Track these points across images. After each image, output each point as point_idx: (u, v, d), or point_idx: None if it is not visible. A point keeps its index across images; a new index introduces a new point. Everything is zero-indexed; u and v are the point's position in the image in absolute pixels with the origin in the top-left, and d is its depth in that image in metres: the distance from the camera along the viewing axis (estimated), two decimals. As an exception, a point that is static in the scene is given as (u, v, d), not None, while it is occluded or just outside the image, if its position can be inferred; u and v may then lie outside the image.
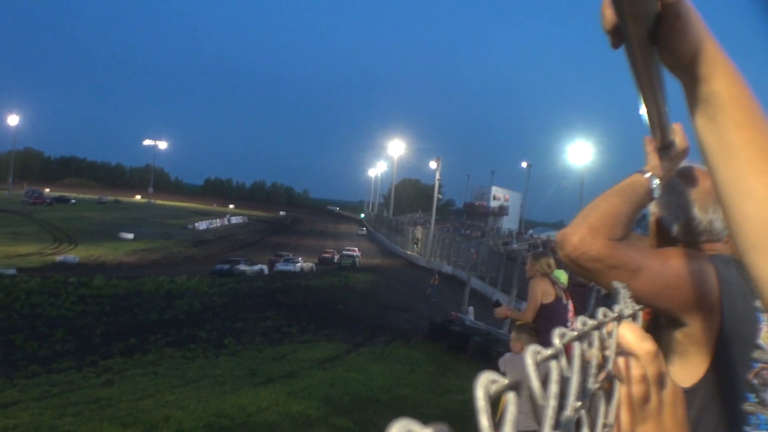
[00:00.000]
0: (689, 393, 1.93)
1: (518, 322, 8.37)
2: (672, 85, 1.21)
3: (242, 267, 50.26)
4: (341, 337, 27.33)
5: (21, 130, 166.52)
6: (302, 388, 15.37)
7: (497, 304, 9.84)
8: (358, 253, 73.54)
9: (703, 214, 2.16)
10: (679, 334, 1.99)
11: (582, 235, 1.89)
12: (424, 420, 0.47)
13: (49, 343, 22.63)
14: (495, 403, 0.50)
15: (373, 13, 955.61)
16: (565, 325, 5.71)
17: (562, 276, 8.99)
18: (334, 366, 19.83)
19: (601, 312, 0.83)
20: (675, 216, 2.21)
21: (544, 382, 0.60)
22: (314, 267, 59.41)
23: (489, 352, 19.82)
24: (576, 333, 0.70)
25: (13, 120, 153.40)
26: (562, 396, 0.64)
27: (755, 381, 1.92)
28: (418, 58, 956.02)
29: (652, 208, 2.28)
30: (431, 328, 26.45)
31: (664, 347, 2.03)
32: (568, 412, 0.65)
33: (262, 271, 52.48)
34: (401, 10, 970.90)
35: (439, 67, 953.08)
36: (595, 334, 0.78)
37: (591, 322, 0.77)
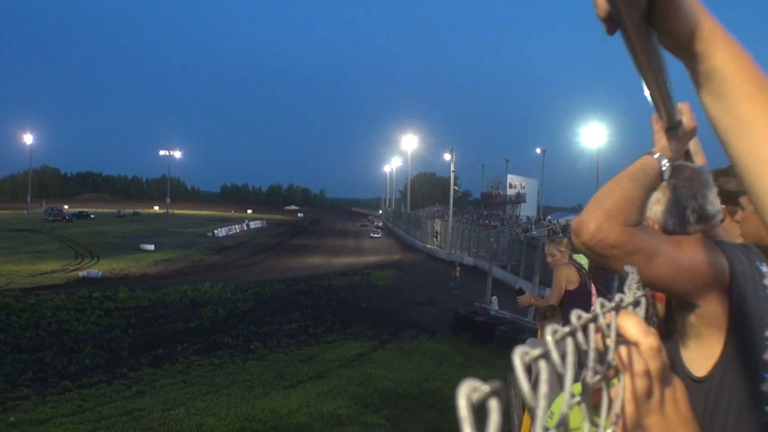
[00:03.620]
0: (707, 378, 1.94)
1: (541, 308, 8.36)
2: (676, 65, 1.21)
3: None
4: (367, 335, 27.31)
5: (37, 148, 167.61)
6: (332, 388, 15.37)
7: (520, 292, 9.79)
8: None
9: (693, 201, 2.17)
10: (692, 317, 1.98)
11: (599, 222, 1.86)
12: (454, 412, 0.47)
13: (78, 358, 22.65)
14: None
15: (380, 9, 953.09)
16: (588, 310, 5.76)
17: (584, 260, 8.97)
18: (362, 364, 19.81)
19: (598, 303, 0.84)
20: (669, 211, 2.21)
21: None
22: None
23: (515, 341, 19.75)
24: (567, 329, 0.70)
25: (28, 139, 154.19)
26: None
27: None
28: (426, 52, 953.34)
29: (653, 213, 2.25)
30: (456, 320, 26.40)
31: (678, 331, 2.04)
32: (563, 408, 0.66)
33: None
34: (406, 5, 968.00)
35: (448, 60, 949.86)
36: (592, 326, 0.78)
37: (585, 316, 0.77)
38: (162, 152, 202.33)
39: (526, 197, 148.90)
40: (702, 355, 1.97)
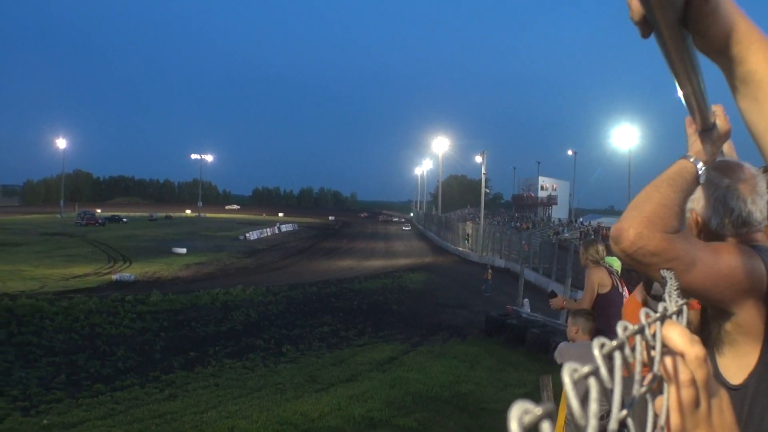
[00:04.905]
0: (742, 386, 1.93)
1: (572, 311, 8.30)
2: (710, 67, 1.19)
3: None
4: (398, 338, 27.33)
5: (69, 153, 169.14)
6: (363, 391, 15.38)
7: (552, 294, 9.75)
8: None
9: (742, 205, 2.13)
10: (728, 325, 1.97)
11: (639, 230, 1.83)
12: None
13: (111, 361, 22.83)
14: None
15: (409, 10, 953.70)
16: (620, 313, 5.68)
17: (615, 263, 8.92)
18: (394, 367, 19.82)
19: (643, 314, 0.81)
20: (714, 210, 2.17)
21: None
22: None
23: (547, 344, 19.76)
24: (615, 343, 0.68)
25: (61, 144, 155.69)
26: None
27: None
28: (456, 54, 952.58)
29: (690, 204, 2.23)
30: (488, 322, 26.36)
31: (714, 339, 2.03)
32: (612, 425, 0.64)
33: None
34: (436, 5, 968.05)
35: (478, 61, 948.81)
36: (638, 338, 0.76)
37: (632, 328, 0.74)
38: (193, 156, 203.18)
39: (557, 199, 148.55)
40: (738, 363, 1.95)
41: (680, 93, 1.39)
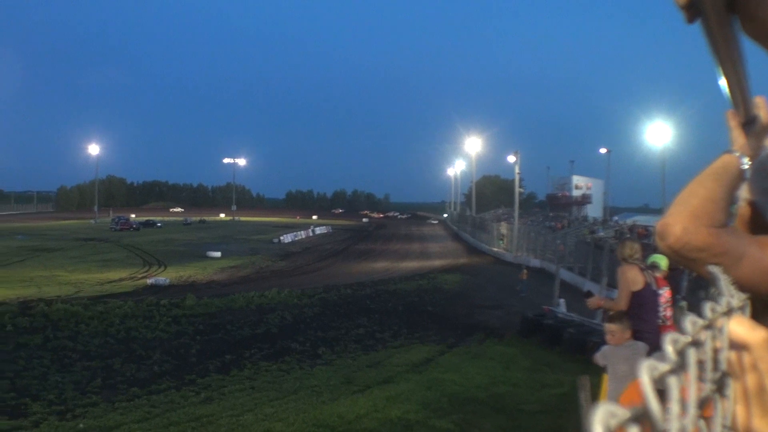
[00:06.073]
0: None
1: (611, 312, 8.24)
2: (752, 58, 1.13)
3: None
4: (434, 339, 27.28)
5: (103, 159, 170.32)
6: (399, 393, 15.35)
7: (589, 294, 9.71)
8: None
9: None
10: None
11: (685, 225, 1.77)
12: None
13: (147, 364, 22.92)
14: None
15: (440, 11, 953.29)
16: (656, 312, 5.61)
17: (663, 261, 8.88)
18: (430, 368, 19.77)
19: (708, 308, 0.75)
20: None
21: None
22: None
23: (584, 344, 19.62)
24: (689, 338, 0.62)
25: (94, 150, 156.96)
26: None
27: None
28: (489, 54, 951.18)
29: (743, 194, 2.16)
30: (523, 323, 26.25)
31: None
32: (689, 425, 0.58)
33: None
34: (468, 6, 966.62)
35: (511, 61, 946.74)
36: (707, 334, 0.70)
37: (701, 322, 0.69)
38: (226, 160, 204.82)
39: (591, 198, 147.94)
40: None
41: (723, 82, 1.34)
